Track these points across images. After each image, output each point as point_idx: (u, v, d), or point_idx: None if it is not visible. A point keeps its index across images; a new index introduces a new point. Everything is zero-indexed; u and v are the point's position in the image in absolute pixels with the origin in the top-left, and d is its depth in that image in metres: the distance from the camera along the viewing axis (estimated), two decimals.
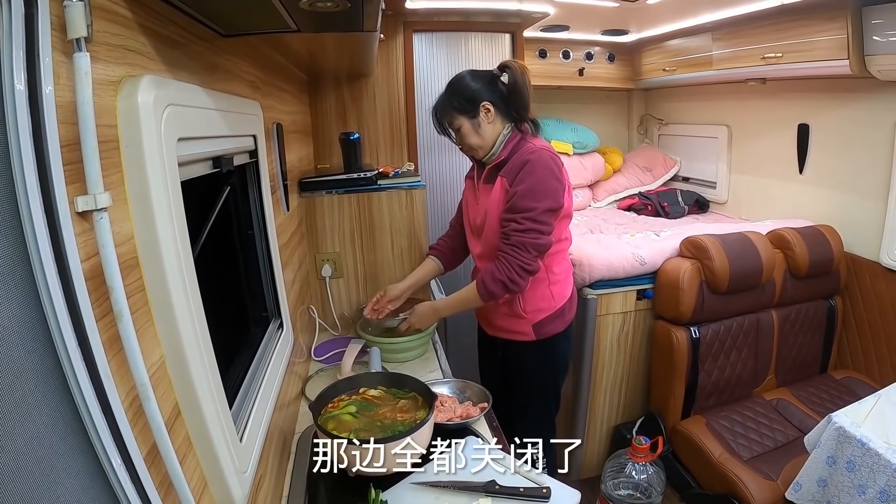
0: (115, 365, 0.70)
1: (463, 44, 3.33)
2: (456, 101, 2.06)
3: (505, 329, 2.21)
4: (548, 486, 1.40)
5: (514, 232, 1.97)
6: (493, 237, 2.10)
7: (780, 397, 2.87)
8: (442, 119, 2.11)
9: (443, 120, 2.11)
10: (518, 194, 1.98)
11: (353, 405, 1.58)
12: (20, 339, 0.57)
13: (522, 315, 2.14)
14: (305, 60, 2.37)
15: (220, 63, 1.31)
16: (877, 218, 2.86)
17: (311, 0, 0.97)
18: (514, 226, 1.97)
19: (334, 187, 2.50)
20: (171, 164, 0.88)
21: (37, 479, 0.57)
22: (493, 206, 2.07)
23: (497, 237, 2.06)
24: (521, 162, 2.01)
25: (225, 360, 1.18)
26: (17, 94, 0.58)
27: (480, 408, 1.82)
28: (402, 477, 1.43)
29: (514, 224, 1.97)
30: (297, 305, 2.11)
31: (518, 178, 2.00)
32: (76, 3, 0.64)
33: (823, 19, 2.71)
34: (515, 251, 1.97)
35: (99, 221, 0.68)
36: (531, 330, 2.15)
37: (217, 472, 0.97)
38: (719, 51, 3.48)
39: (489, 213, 2.09)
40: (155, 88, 0.82)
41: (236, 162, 1.38)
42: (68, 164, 0.64)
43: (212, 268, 1.25)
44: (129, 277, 0.77)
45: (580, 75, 4.33)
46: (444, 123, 2.11)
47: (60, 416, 0.62)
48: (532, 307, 2.14)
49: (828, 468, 1.99)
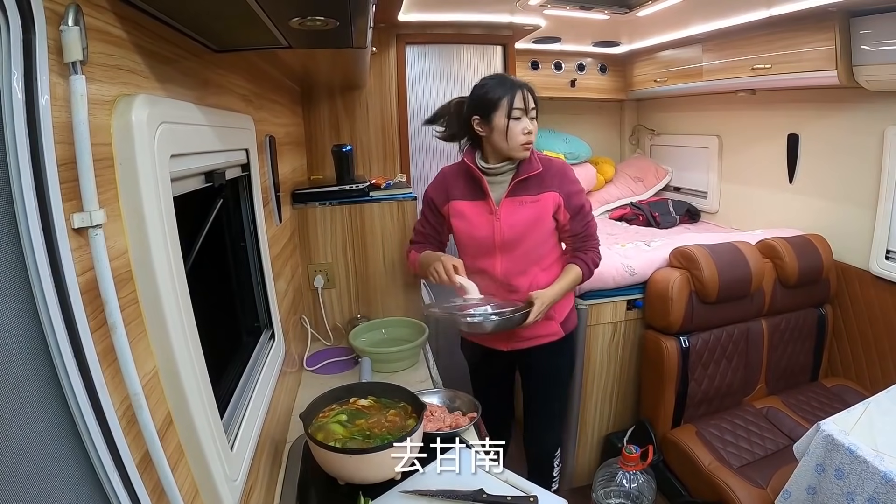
0: (109, 375, 0.72)
1: (455, 56, 3.36)
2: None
3: (535, 336, 2.24)
4: (535, 494, 1.41)
5: (587, 225, 2.21)
6: (538, 248, 2.18)
7: (770, 406, 2.89)
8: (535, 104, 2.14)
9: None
10: (574, 194, 2.18)
11: (344, 414, 1.59)
12: (18, 350, 0.59)
13: (552, 315, 2.22)
14: (298, 73, 2.39)
15: (212, 78, 1.33)
16: (866, 226, 2.88)
17: (300, 19, 0.99)
18: (582, 220, 2.20)
19: (327, 199, 2.52)
20: (164, 180, 0.90)
21: (33, 484, 0.59)
22: (541, 217, 2.14)
23: (544, 246, 2.19)
24: (559, 169, 2.21)
25: (217, 370, 1.20)
26: (16, 115, 0.60)
27: (469, 417, 1.83)
28: (391, 485, 1.44)
29: (582, 219, 2.20)
30: (289, 316, 2.13)
31: (565, 182, 2.18)
32: (72, 28, 0.67)
33: (812, 30, 2.74)
34: (592, 240, 2.24)
35: (94, 237, 0.71)
36: (560, 328, 2.26)
37: (208, 479, 0.99)
38: (709, 62, 3.51)
39: (533, 226, 2.14)
40: (148, 107, 0.85)
41: (229, 176, 1.40)
42: (65, 182, 0.67)
43: (204, 279, 1.27)
44: (122, 291, 0.79)
45: (572, 86, 4.35)
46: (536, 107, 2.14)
47: (56, 423, 0.64)
48: (559, 304, 2.22)
49: (817, 476, 2.00)
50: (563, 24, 3.39)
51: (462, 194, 2.20)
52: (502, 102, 2.06)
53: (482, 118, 2.10)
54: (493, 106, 2.07)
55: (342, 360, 2.40)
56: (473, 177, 2.18)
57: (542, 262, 2.20)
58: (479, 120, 2.11)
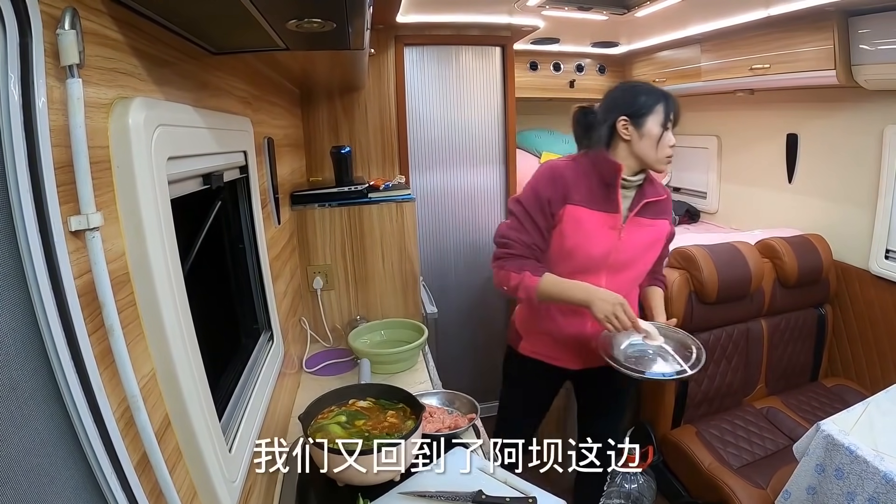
0: (106, 377, 0.72)
1: (454, 57, 3.36)
2: None
3: None
4: (534, 495, 1.41)
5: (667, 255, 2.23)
6: (643, 273, 2.10)
7: (770, 406, 2.89)
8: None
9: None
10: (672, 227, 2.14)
11: (343, 416, 1.60)
12: (16, 352, 0.59)
13: None
14: (297, 75, 2.39)
15: (210, 80, 1.33)
16: (865, 226, 2.89)
17: (297, 21, 0.99)
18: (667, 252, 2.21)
19: (326, 200, 2.52)
20: (162, 182, 0.90)
21: (30, 485, 0.59)
22: (656, 243, 2.07)
23: (646, 272, 2.11)
24: (669, 200, 2.10)
25: (215, 372, 1.21)
26: (13, 118, 0.61)
27: (468, 418, 1.84)
28: (390, 486, 1.44)
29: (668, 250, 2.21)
30: (288, 317, 2.13)
31: (670, 214, 2.12)
32: (68, 32, 0.67)
33: (810, 30, 2.74)
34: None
35: (91, 240, 0.71)
36: None
37: (206, 481, 0.99)
38: (708, 62, 3.50)
39: (648, 251, 2.06)
40: (145, 110, 0.85)
41: (227, 178, 1.40)
42: (62, 185, 0.67)
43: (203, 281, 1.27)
44: (120, 293, 0.79)
45: (571, 87, 4.34)
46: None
47: (54, 424, 0.65)
48: None
49: (817, 476, 2.00)
50: (561, 25, 3.39)
51: (583, 199, 1.95)
52: (658, 108, 1.90)
53: (632, 121, 1.91)
54: (648, 110, 1.90)
55: (341, 362, 2.40)
56: (606, 184, 1.95)
57: (639, 288, 2.15)
58: (628, 122, 1.91)
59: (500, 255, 2.05)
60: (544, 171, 2.01)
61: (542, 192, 1.96)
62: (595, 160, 1.96)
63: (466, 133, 3.50)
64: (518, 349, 2.21)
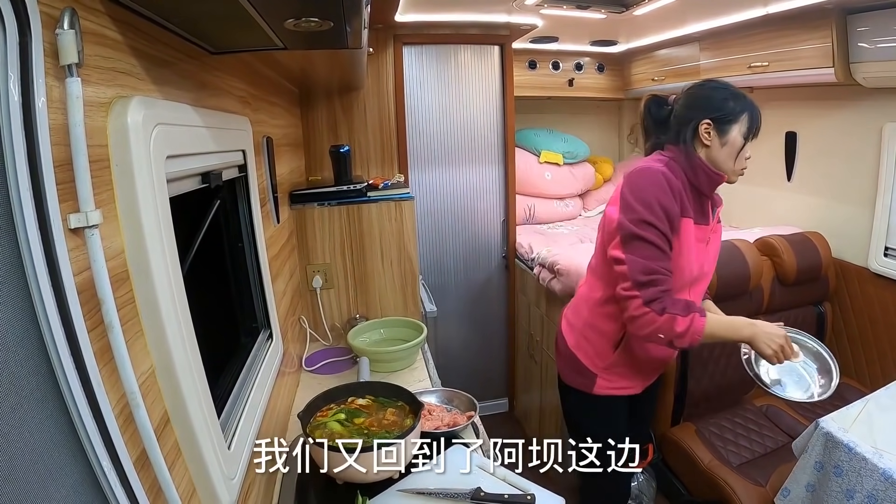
0: (105, 374, 0.73)
1: (452, 56, 3.37)
2: None
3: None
4: (532, 492, 1.42)
5: None
6: (707, 284, 2.03)
7: (769, 404, 2.89)
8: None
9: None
10: None
11: (342, 413, 1.60)
12: (16, 348, 0.60)
13: None
14: (296, 75, 2.40)
15: (209, 80, 1.34)
16: (864, 224, 2.88)
17: (295, 20, 1.00)
18: None
19: (325, 199, 2.53)
20: (160, 181, 0.91)
21: (31, 481, 0.60)
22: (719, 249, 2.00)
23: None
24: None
25: (214, 370, 1.21)
26: (14, 117, 0.61)
27: (467, 416, 1.84)
28: (389, 484, 1.44)
29: None
30: (287, 316, 2.13)
31: None
32: (67, 31, 0.68)
33: (809, 28, 2.74)
34: None
35: (90, 237, 0.72)
36: None
37: (205, 478, 1.00)
38: (707, 60, 3.50)
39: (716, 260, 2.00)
40: (144, 109, 0.85)
41: (225, 176, 1.41)
42: (61, 183, 0.68)
43: (202, 279, 1.28)
44: (119, 290, 0.80)
45: (570, 86, 4.36)
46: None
47: (53, 421, 0.65)
48: None
49: (816, 473, 2.00)
50: (560, 24, 3.40)
51: (691, 212, 1.81)
52: (744, 117, 1.77)
53: (716, 126, 1.78)
54: (735, 117, 1.77)
55: (341, 360, 2.40)
56: (701, 194, 1.84)
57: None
58: (711, 127, 1.78)
59: (656, 296, 1.71)
60: (660, 182, 1.75)
61: (669, 206, 1.73)
62: (693, 167, 1.80)
63: (465, 132, 3.51)
64: (593, 392, 1.99)
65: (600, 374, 1.97)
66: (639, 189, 1.74)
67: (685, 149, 1.81)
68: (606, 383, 1.97)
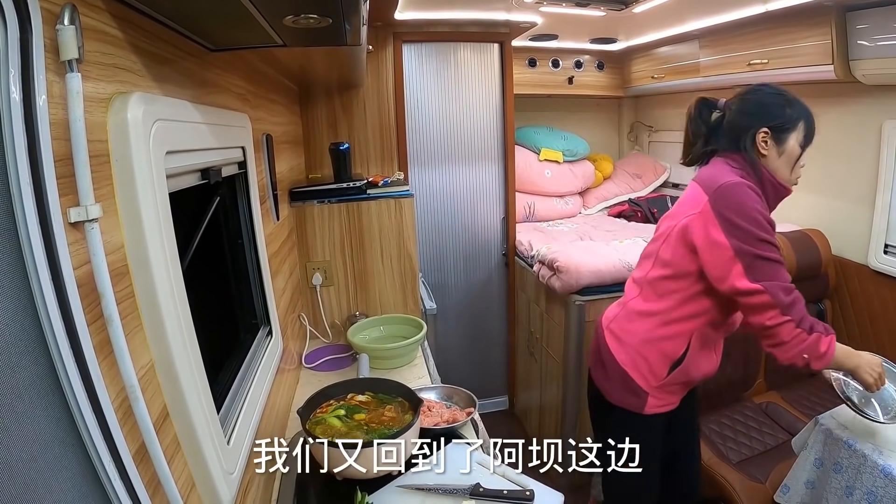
0: (105, 367, 0.73)
1: (452, 54, 3.37)
2: None
3: None
4: (531, 488, 1.42)
5: None
6: None
7: (769, 401, 2.90)
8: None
9: None
10: None
11: (342, 409, 1.61)
12: (16, 341, 0.60)
13: None
14: (295, 72, 2.40)
15: (209, 77, 1.34)
16: (864, 221, 2.89)
17: (294, 17, 1.00)
18: None
19: (324, 197, 2.53)
20: (160, 176, 0.92)
21: (30, 473, 0.60)
22: None
23: None
24: None
25: (214, 365, 1.21)
26: (14, 112, 0.62)
27: (466, 412, 1.84)
28: (388, 480, 1.45)
29: None
30: (287, 313, 2.14)
31: None
32: (68, 27, 0.68)
33: (808, 25, 2.74)
34: None
35: (90, 231, 0.72)
36: None
37: (204, 472, 1.00)
38: (706, 58, 3.51)
39: None
40: (144, 105, 0.86)
41: (225, 173, 1.41)
42: (61, 177, 0.68)
43: (202, 276, 1.28)
44: (119, 284, 0.80)
45: (570, 84, 4.36)
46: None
47: (53, 414, 0.66)
48: None
49: (815, 470, 2.01)
50: (559, 21, 3.40)
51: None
52: (800, 125, 1.73)
53: (773, 134, 1.74)
54: (793, 125, 1.73)
55: (340, 357, 2.41)
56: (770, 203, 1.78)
57: None
58: (769, 136, 1.74)
59: (803, 313, 1.69)
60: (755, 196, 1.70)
61: (770, 218, 1.72)
62: (762, 180, 1.75)
63: (465, 130, 3.51)
64: (644, 412, 1.92)
65: (652, 392, 1.89)
66: (741, 207, 1.67)
67: (749, 159, 1.76)
68: (656, 402, 1.91)
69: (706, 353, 1.89)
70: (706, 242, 1.71)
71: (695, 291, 1.80)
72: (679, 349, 1.85)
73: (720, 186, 1.70)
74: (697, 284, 1.79)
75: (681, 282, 1.80)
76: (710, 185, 1.72)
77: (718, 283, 1.72)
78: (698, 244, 1.73)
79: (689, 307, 1.82)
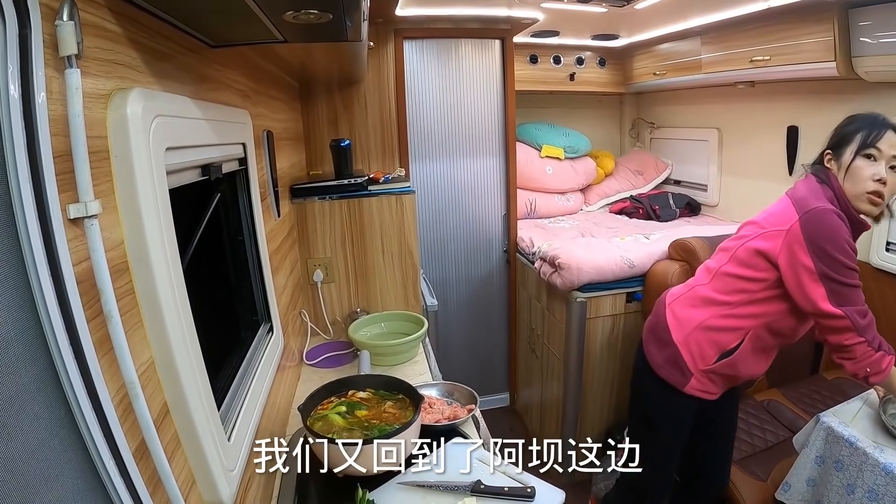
0: (105, 364, 0.73)
1: (453, 50, 3.37)
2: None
3: None
4: (532, 485, 1.42)
5: None
6: None
7: (770, 398, 2.89)
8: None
9: None
10: None
11: (343, 406, 1.60)
12: (15, 338, 0.60)
13: None
14: (296, 69, 2.40)
15: (209, 73, 1.34)
16: None
17: (294, 12, 1.00)
18: None
19: (325, 193, 2.52)
20: (160, 172, 0.91)
21: (30, 470, 0.60)
22: None
23: None
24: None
25: (214, 362, 1.21)
26: (13, 108, 0.61)
27: (468, 409, 1.84)
28: (389, 477, 1.45)
29: None
30: (288, 310, 2.14)
31: None
32: (67, 23, 0.68)
33: (810, 22, 2.73)
34: None
35: (90, 228, 0.72)
36: None
37: (205, 469, 1.00)
38: (708, 54, 3.50)
39: None
40: (143, 101, 0.86)
41: (225, 169, 1.41)
42: (61, 173, 0.68)
43: (203, 272, 1.28)
44: (118, 281, 0.80)
45: (571, 80, 4.35)
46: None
47: (53, 410, 0.66)
48: None
49: (817, 468, 2.00)
50: (561, 18, 3.40)
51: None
52: (857, 137, 1.75)
53: (834, 152, 1.81)
54: (848, 138, 1.77)
55: (342, 354, 2.41)
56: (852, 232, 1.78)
57: None
58: (831, 156, 1.82)
59: (875, 335, 1.80)
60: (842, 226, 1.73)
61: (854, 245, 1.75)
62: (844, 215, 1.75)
63: (466, 126, 3.51)
64: (684, 389, 2.01)
65: (697, 374, 1.98)
66: (830, 234, 1.71)
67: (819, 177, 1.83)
68: (698, 384, 1.99)
69: (757, 354, 1.96)
70: (790, 262, 1.77)
71: (765, 297, 1.87)
72: (733, 342, 1.93)
73: (811, 211, 1.73)
74: (769, 291, 1.86)
75: (753, 284, 1.87)
76: (802, 206, 1.76)
77: (801, 302, 1.79)
78: (781, 262, 1.79)
79: (754, 308, 1.90)
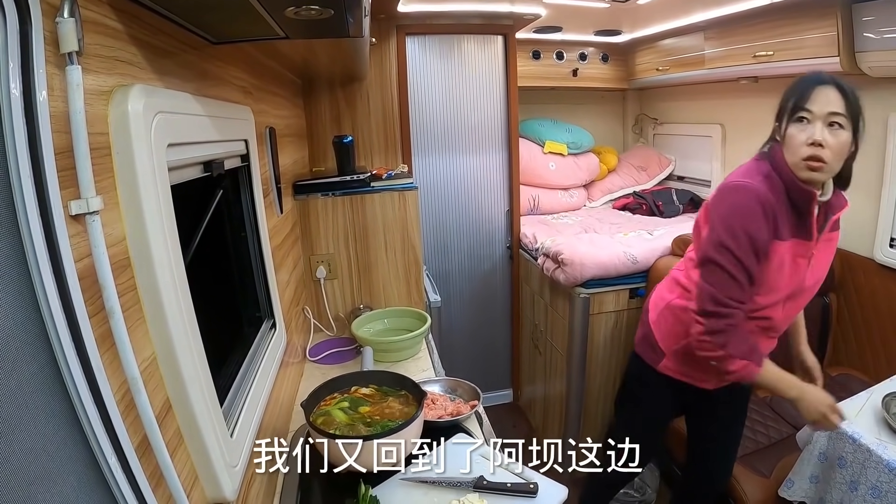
0: (107, 360, 0.73)
1: (456, 46, 3.37)
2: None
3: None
4: (535, 481, 1.43)
5: None
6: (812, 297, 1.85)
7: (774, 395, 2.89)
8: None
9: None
10: None
11: (346, 402, 1.61)
12: (17, 334, 0.60)
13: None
14: (298, 65, 2.40)
15: (210, 70, 1.34)
16: (870, 215, 2.87)
17: (295, 8, 1.00)
18: None
19: (328, 190, 2.53)
20: (161, 169, 0.91)
21: (32, 466, 0.60)
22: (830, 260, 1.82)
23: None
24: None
25: (217, 358, 1.21)
26: (14, 105, 0.61)
27: (471, 405, 1.84)
28: (392, 473, 1.45)
29: None
30: (291, 306, 2.14)
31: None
32: (67, 20, 0.68)
33: (814, 17, 2.72)
34: None
35: (91, 224, 0.72)
36: None
37: (207, 465, 1.00)
38: (711, 50, 3.49)
39: (826, 272, 1.81)
40: (145, 97, 0.86)
41: (228, 166, 1.41)
42: (62, 170, 0.68)
43: (205, 269, 1.28)
44: (120, 277, 0.80)
45: (574, 76, 4.34)
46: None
47: (55, 406, 0.66)
48: None
49: (820, 465, 2.00)
50: (563, 13, 3.39)
51: (787, 232, 1.65)
52: (788, 103, 1.61)
53: (777, 124, 1.67)
54: (782, 106, 1.64)
55: (345, 350, 2.41)
56: (798, 204, 1.65)
57: None
58: (777, 126, 1.67)
59: (721, 329, 1.66)
60: (754, 206, 1.61)
61: (758, 234, 1.61)
62: (788, 185, 1.63)
63: (469, 122, 3.51)
64: (657, 368, 2.02)
65: (668, 354, 1.99)
66: (728, 210, 1.65)
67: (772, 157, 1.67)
68: (670, 363, 2.00)
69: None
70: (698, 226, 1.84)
71: None
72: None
73: (721, 185, 1.72)
74: None
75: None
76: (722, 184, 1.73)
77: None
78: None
79: None
